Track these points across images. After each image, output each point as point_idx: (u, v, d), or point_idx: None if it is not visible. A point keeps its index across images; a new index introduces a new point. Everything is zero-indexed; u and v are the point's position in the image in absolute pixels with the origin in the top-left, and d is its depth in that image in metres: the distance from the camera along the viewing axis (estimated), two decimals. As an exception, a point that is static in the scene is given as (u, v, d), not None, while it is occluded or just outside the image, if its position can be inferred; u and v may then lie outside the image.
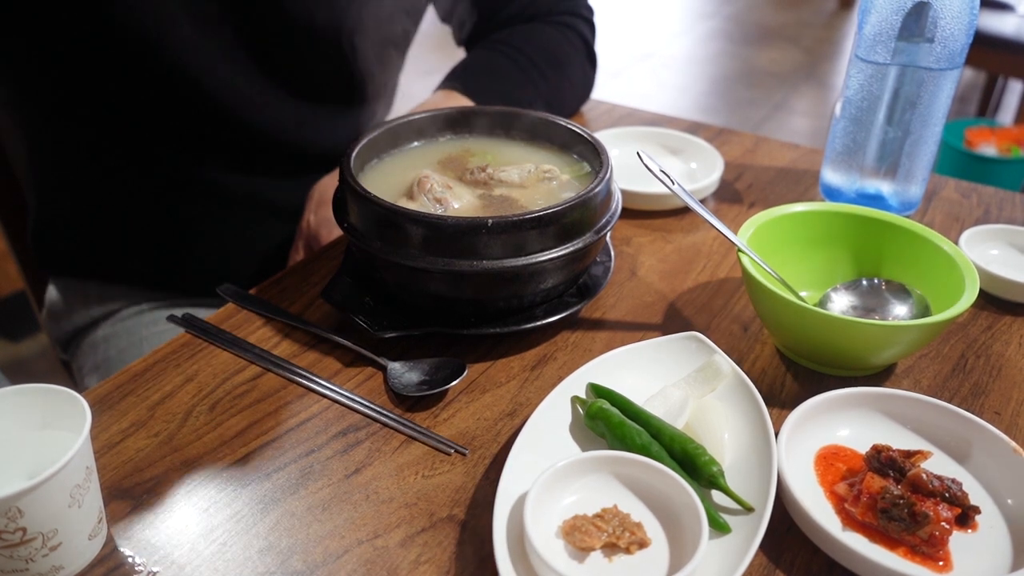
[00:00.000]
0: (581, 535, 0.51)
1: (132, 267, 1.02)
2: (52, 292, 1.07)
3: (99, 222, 1.00)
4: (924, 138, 0.87)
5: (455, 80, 1.02)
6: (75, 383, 1.04)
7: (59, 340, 1.07)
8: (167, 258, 1.01)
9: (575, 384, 0.63)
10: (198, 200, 0.98)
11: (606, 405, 0.60)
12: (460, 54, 1.07)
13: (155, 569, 0.52)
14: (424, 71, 1.17)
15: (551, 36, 1.10)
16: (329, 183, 0.95)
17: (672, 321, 0.76)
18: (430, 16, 1.13)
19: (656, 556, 0.51)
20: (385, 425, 0.63)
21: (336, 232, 0.90)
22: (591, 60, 1.15)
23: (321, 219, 0.93)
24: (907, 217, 0.87)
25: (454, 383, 0.65)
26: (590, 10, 1.17)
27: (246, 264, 1.02)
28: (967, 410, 0.60)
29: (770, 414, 0.59)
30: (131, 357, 0.97)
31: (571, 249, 0.67)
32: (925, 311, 0.69)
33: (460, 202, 0.73)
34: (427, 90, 1.06)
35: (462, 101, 0.99)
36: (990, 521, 0.55)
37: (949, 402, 0.61)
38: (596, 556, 0.51)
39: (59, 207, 1.01)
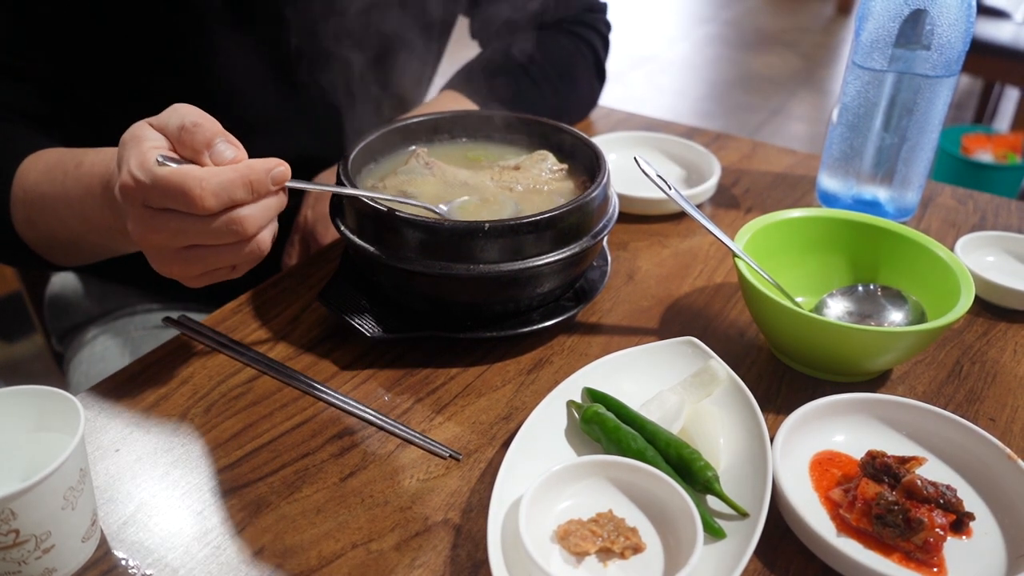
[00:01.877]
0: (576, 540, 0.51)
1: (129, 266, 1.02)
2: (54, 286, 1.08)
3: None
4: (921, 144, 0.87)
5: (461, 81, 1.01)
6: (65, 377, 1.05)
7: (55, 333, 1.08)
8: None
9: (571, 388, 0.63)
10: None
11: (602, 410, 0.60)
12: (463, 58, 1.07)
13: (148, 572, 0.52)
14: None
15: (565, 47, 1.09)
16: (326, 178, 0.94)
17: (668, 326, 0.76)
18: None
19: (651, 561, 0.51)
20: (380, 429, 0.63)
21: (332, 229, 0.90)
22: (600, 76, 1.15)
23: (318, 215, 0.92)
24: (903, 223, 0.87)
25: None
26: (608, 26, 1.16)
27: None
28: (962, 416, 0.60)
29: (765, 419, 0.59)
30: (118, 355, 0.97)
31: (568, 253, 0.67)
32: (921, 317, 0.70)
33: (451, 168, 0.75)
34: (429, 92, 1.06)
35: (465, 103, 0.98)
36: (984, 528, 0.55)
37: (944, 408, 0.61)
38: (591, 561, 0.51)
39: None
